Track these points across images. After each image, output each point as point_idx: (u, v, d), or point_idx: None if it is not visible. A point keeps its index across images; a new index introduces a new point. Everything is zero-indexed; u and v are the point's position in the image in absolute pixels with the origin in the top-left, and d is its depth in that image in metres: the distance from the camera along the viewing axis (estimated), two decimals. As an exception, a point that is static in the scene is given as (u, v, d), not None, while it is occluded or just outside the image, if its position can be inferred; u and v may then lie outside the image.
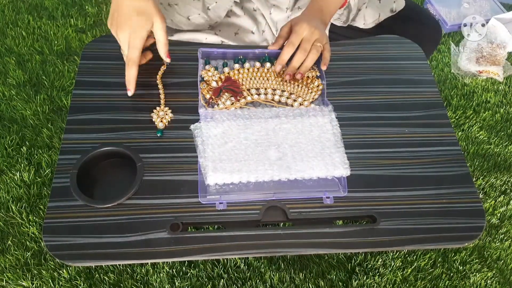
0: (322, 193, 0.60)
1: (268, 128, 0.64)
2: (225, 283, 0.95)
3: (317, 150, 0.62)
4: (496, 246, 1.05)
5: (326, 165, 0.61)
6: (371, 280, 0.97)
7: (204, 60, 0.72)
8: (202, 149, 0.61)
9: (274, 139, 0.63)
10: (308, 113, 0.66)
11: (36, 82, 1.31)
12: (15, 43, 1.41)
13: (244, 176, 0.59)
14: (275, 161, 0.61)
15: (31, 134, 1.17)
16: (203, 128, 0.63)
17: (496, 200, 1.13)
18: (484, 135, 1.28)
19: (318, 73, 0.72)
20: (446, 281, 0.98)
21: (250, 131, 0.63)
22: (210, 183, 0.59)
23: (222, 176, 0.59)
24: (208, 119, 0.64)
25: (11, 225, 1.01)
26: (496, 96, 1.40)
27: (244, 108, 0.67)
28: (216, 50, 0.72)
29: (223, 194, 0.58)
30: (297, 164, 0.60)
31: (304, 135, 0.64)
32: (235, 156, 0.61)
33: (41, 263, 0.96)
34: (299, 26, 0.69)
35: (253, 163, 0.60)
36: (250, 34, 0.83)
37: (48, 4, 1.56)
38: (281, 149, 0.62)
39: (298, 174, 0.60)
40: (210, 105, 0.67)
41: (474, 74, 1.45)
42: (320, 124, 0.65)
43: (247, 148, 0.62)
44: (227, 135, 0.63)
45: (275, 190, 0.59)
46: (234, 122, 0.64)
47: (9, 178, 1.08)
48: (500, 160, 1.23)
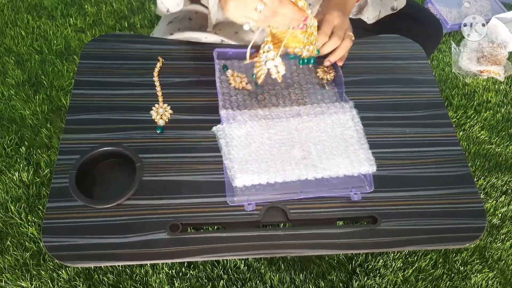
0: (349, 190, 0.60)
1: (290, 127, 0.64)
2: (225, 284, 0.94)
3: (342, 147, 0.62)
4: (497, 247, 1.05)
5: (351, 162, 0.61)
6: (371, 281, 0.96)
7: (222, 66, 0.71)
8: (227, 150, 0.61)
9: (297, 138, 0.63)
10: (329, 110, 0.66)
11: (35, 81, 1.30)
12: (14, 42, 1.41)
13: (272, 176, 0.59)
14: (301, 160, 0.60)
15: (30, 134, 1.17)
16: (226, 130, 0.63)
17: (497, 200, 1.13)
18: (485, 135, 1.28)
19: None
20: (447, 281, 0.98)
21: (273, 131, 0.63)
22: (238, 185, 0.58)
23: (250, 178, 0.58)
24: (230, 120, 0.64)
25: (10, 225, 1.01)
26: (497, 96, 1.40)
27: (265, 108, 0.66)
28: (231, 50, 0.72)
29: (250, 195, 0.58)
30: (322, 163, 0.60)
31: (327, 133, 0.64)
32: (261, 157, 0.60)
33: (40, 263, 0.95)
34: (330, 15, 0.68)
35: (279, 163, 0.60)
36: (250, 33, 0.83)
37: (47, 3, 1.55)
38: (305, 148, 0.62)
39: (324, 172, 0.60)
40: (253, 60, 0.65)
41: (475, 73, 1.45)
42: (342, 121, 0.65)
43: (272, 148, 0.62)
44: (251, 136, 0.63)
45: (302, 189, 0.59)
46: (256, 123, 0.64)
47: (8, 178, 1.08)
48: (501, 160, 1.22)
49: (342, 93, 0.69)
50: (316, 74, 0.73)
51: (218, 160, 0.62)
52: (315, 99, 0.69)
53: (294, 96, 0.69)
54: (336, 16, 0.68)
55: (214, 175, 0.60)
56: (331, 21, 0.68)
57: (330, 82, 0.72)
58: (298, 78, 0.72)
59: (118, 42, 0.74)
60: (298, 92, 0.70)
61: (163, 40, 0.77)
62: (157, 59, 0.72)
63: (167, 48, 0.74)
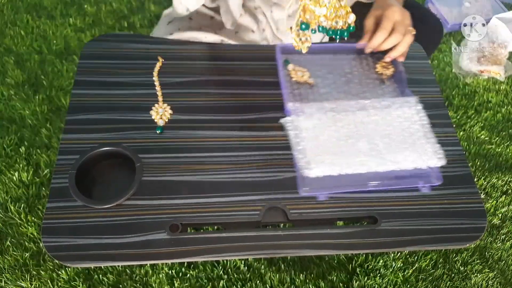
0: (417, 183, 0.61)
1: (356, 121, 0.65)
2: (225, 284, 0.94)
3: (409, 141, 0.63)
4: (498, 247, 1.05)
5: (419, 156, 0.61)
6: (372, 281, 0.96)
7: (284, 60, 0.72)
8: (296, 142, 0.62)
9: (364, 131, 0.64)
10: (395, 104, 0.67)
11: (35, 81, 1.30)
12: (14, 42, 1.41)
13: (343, 168, 0.60)
14: (369, 153, 0.61)
15: (30, 134, 1.17)
16: (294, 122, 0.64)
17: (497, 200, 1.13)
18: (486, 135, 1.28)
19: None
20: (447, 281, 0.98)
21: (340, 124, 0.64)
22: (311, 176, 0.59)
23: (321, 169, 0.59)
24: (299, 112, 0.65)
25: (9, 225, 1.01)
26: (498, 96, 1.40)
27: (331, 101, 0.67)
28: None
29: (321, 187, 0.60)
30: (390, 155, 0.61)
31: (394, 126, 0.64)
32: (330, 149, 0.61)
33: (40, 263, 0.95)
34: (390, 10, 0.67)
35: (348, 155, 0.61)
36: (251, 32, 0.83)
37: (47, 3, 1.55)
38: (372, 141, 0.63)
39: (392, 165, 0.61)
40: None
41: (476, 73, 1.44)
42: (407, 116, 0.66)
43: (339, 141, 0.62)
44: (318, 129, 0.64)
45: (370, 181, 0.60)
46: (324, 115, 0.65)
47: (7, 178, 1.07)
48: (501, 160, 1.22)
49: (404, 89, 0.70)
50: (375, 69, 0.73)
51: (218, 160, 0.62)
52: (376, 94, 0.70)
53: (355, 90, 0.70)
54: (396, 11, 0.67)
55: (214, 175, 0.60)
56: (391, 16, 0.67)
57: (390, 78, 0.72)
58: (357, 73, 0.73)
59: (117, 42, 0.74)
60: (358, 87, 0.71)
61: (163, 40, 0.76)
62: (157, 59, 0.71)
63: (167, 48, 0.74)
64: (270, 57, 0.72)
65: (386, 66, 0.73)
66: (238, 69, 0.73)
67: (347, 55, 0.74)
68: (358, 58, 0.74)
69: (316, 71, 0.72)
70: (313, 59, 0.72)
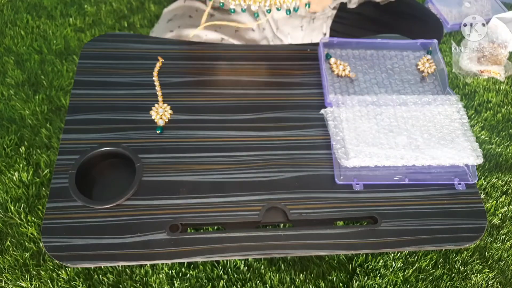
0: (453, 179, 0.62)
1: (397, 115, 0.66)
2: (225, 284, 0.94)
3: (448, 138, 0.64)
4: (498, 247, 1.04)
5: (458, 153, 0.62)
6: (372, 281, 0.96)
7: (325, 54, 0.73)
8: (335, 132, 0.63)
9: (404, 126, 0.65)
10: (436, 101, 0.68)
11: (34, 81, 1.30)
12: (14, 42, 1.41)
13: (381, 160, 0.61)
14: (408, 147, 0.62)
15: (30, 134, 1.17)
16: (335, 112, 0.65)
17: (497, 200, 1.13)
18: (486, 135, 1.28)
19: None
20: (447, 281, 0.98)
21: (380, 117, 0.65)
22: (349, 166, 0.60)
23: (359, 159, 0.60)
24: (340, 103, 0.66)
25: (9, 225, 1.00)
26: (498, 96, 1.40)
27: (372, 95, 0.68)
28: (336, 39, 0.74)
29: (358, 176, 0.61)
30: (429, 151, 0.62)
31: (434, 123, 0.65)
32: (370, 141, 0.62)
33: (40, 263, 0.95)
34: None
35: (387, 148, 0.62)
36: (250, 31, 0.83)
37: (46, 3, 1.55)
38: (411, 136, 0.64)
39: (431, 160, 0.61)
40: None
41: (476, 73, 1.44)
42: (447, 113, 0.67)
43: (379, 133, 0.63)
44: (358, 120, 0.65)
45: (407, 175, 0.61)
46: (364, 108, 0.66)
47: (7, 178, 1.07)
48: (501, 160, 1.22)
49: (446, 86, 0.70)
50: (417, 66, 0.74)
51: (218, 160, 0.62)
52: (416, 90, 0.71)
53: (396, 86, 0.71)
54: None
55: (214, 175, 0.60)
56: None
57: (431, 75, 0.73)
58: (398, 69, 0.74)
59: (117, 41, 0.74)
60: (399, 83, 0.71)
61: (163, 40, 0.76)
62: (157, 58, 0.71)
63: (167, 47, 0.74)
64: (271, 57, 0.72)
65: (428, 63, 0.73)
66: (238, 69, 0.73)
67: (389, 51, 0.76)
68: (399, 54, 0.75)
69: (357, 66, 0.73)
70: (354, 54, 0.74)
